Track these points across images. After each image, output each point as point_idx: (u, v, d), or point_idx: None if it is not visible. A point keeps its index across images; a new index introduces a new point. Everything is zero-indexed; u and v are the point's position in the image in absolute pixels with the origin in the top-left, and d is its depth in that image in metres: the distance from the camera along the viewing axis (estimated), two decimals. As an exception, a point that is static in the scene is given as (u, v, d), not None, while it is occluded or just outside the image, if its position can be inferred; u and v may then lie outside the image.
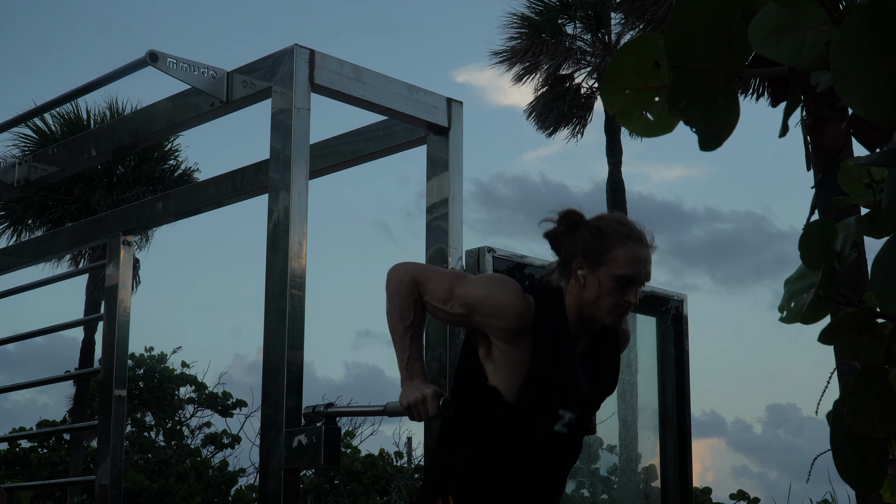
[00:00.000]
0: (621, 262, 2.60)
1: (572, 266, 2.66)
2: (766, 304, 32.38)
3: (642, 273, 2.62)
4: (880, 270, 1.10)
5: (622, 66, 1.19)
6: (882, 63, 1.00)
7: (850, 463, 1.27)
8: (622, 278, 2.60)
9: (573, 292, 2.66)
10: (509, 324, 2.59)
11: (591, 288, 2.62)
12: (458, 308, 2.64)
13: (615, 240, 2.62)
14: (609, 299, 2.61)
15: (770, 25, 1.08)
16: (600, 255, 2.61)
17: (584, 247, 2.64)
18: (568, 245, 2.68)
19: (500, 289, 2.62)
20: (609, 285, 2.60)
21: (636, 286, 2.63)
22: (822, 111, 1.25)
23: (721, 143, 1.15)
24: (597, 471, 4.61)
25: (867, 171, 1.39)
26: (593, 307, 2.63)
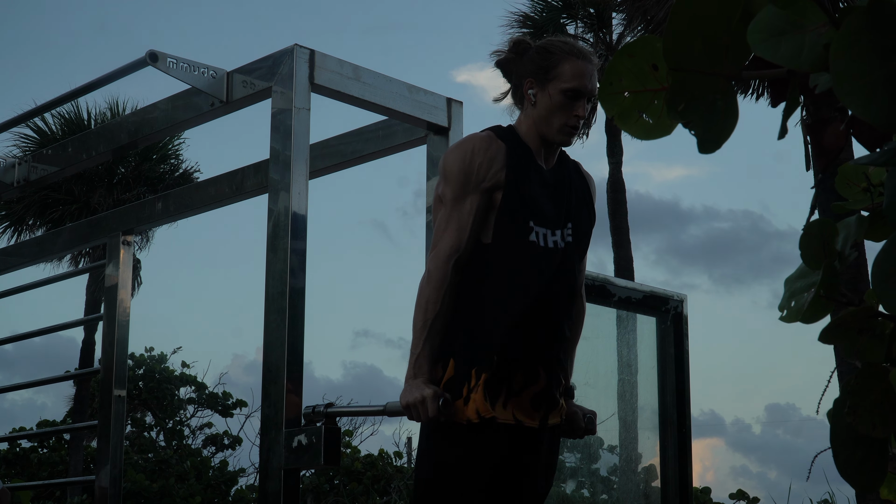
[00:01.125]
0: (567, 76, 2.72)
1: (523, 87, 2.78)
2: (765, 303, 32.37)
3: (588, 86, 2.74)
4: (880, 270, 1.11)
5: (620, 69, 1.19)
6: (881, 65, 1.00)
7: (851, 462, 1.27)
8: (570, 91, 2.71)
9: (527, 114, 2.79)
10: (497, 160, 2.70)
11: (542, 104, 2.74)
12: (472, 200, 2.69)
13: (560, 56, 2.75)
14: (559, 116, 2.73)
15: (769, 27, 1.08)
16: (547, 72, 2.74)
17: (533, 67, 2.76)
18: (518, 69, 2.81)
19: (468, 144, 2.73)
20: (558, 100, 2.72)
21: (583, 100, 2.74)
22: (821, 112, 1.25)
23: (720, 146, 1.15)
24: (597, 471, 4.61)
25: (865, 176, 1.39)
26: (544, 125, 2.75)
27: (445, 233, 2.70)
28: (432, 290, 2.66)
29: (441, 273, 2.67)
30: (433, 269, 2.68)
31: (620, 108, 1.21)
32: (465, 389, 2.64)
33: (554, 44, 2.79)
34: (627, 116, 1.21)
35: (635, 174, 38.24)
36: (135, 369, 19.61)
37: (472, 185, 2.69)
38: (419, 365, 2.66)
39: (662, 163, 38.19)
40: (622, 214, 16.63)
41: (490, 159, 2.71)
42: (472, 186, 2.69)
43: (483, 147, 2.72)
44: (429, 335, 2.66)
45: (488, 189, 2.70)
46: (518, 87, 2.81)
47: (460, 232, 2.69)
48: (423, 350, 2.66)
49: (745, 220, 34.13)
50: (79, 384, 17.85)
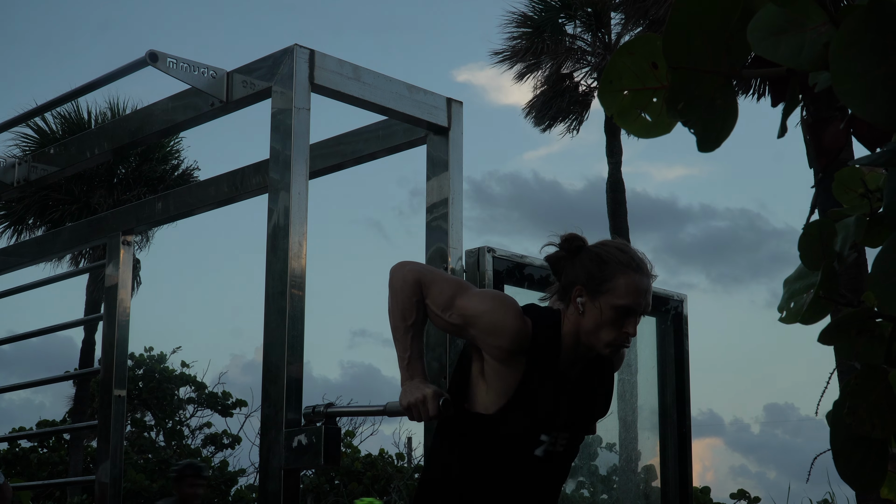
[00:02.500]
0: (622, 291, 2.56)
1: (572, 293, 2.62)
2: (763, 302, 32.34)
3: (642, 304, 2.58)
4: (880, 271, 1.10)
5: (620, 67, 1.19)
6: (881, 64, 1.00)
7: (850, 463, 1.27)
8: (622, 308, 2.56)
9: (572, 319, 2.62)
10: (504, 343, 2.58)
11: (591, 317, 2.58)
12: (456, 318, 2.63)
13: (616, 269, 2.58)
14: (608, 330, 2.58)
15: (769, 26, 1.08)
16: (601, 284, 2.57)
17: (585, 274, 2.60)
18: (569, 271, 2.64)
19: (500, 307, 2.60)
20: (609, 315, 2.56)
21: (635, 317, 2.59)
22: (821, 111, 1.25)
23: (719, 144, 1.15)
24: (597, 470, 4.61)
25: (862, 181, 1.38)
26: (591, 337, 2.60)
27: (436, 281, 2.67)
28: (408, 299, 2.66)
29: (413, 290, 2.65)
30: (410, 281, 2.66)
31: (620, 106, 1.20)
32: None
33: (611, 252, 2.61)
34: (627, 115, 1.21)
35: (636, 174, 38.23)
36: (134, 369, 19.61)
37: (466, 322, 2.62)
38: (412, 367, 2.66)
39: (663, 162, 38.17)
40: (622, 215, 16.64)
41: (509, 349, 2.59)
42: (466, 323, 2.62)
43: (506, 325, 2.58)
44: (413, 337, 2.67)
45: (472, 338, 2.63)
46: (567, 289, 2.64)
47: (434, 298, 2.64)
48: (412, 352, 2.67)
49: (743, 218, 34.12)
50: (79, 384, 17.85)
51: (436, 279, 2.68)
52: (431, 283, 2.66)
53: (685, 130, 1.18)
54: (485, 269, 3.22)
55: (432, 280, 2.67)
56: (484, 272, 3.22)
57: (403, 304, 2.66)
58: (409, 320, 2.66)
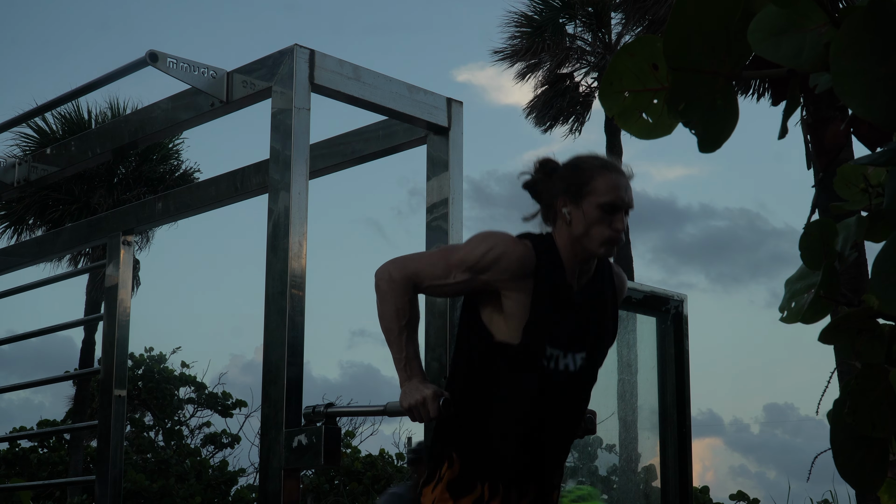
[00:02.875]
0: (602, 190, 2.67)
1: (556, 207, 2.72)
2: (763, 302, 32.33)
3: (624, 198, 2.68)
4: (880, 270, 1.10)
5: (621, 69, 1.19)
6: (881, 64, 1.00)
7: (851, 462, 1.27)
8: (606, 205, 2.66)
9: (562, 233, 2.72)
10: (515, 268, 2.64)
11: (578, 222, 2.68)
12: (461, 275, 2.67)
13: (592, 171, 2.69)
14: (598, 229, 2.67)
15: (769, 27, 1.08)
16: (581, 189, 2.68)
17: (564, 185, 2.71)
18: (548, 189, 2.75)
19: (497, 240, 2.67)
20: (595, 215, 2.66)
21: (621, 213, 2.69)
22: (821, 111, 1.25)
23: (720, 145, 1.15)
24: (596, 470, 4.61)
25: (863, 177, 1.39)
26: (584, 240, 2.69)
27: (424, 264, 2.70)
28: (399, 298, 2.68)
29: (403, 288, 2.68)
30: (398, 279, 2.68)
31: (621, 107, 1.21)
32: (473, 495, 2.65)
33: (583, 159, 2.73)
34: (628, 116, 1.21)
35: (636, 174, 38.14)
36: (134, 369, 19.61)
37: (476, 271, 2.65)
38: (410, 367, 2.67)
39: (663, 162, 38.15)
40: (622, 214, 16.61)
41: (513, 270, 2.64)
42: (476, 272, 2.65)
43: (512, 252, 2.65)
44: (408, 337, 2.68)
45: (489, 282, 2.66)
46: (550, 206, 2.75)
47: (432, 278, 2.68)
48: (408, 352, 2.67)
49: (742, 218, 34.08)
50: (79, 384, 17.85)
51: (420, 261, 2.71)
52: (418, 267, 2.69)
53: (686, 130, 1.18)
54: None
55: (418, 264, 2.70)
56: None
57: (395, 303, 2.67)
58: (402, 320, 2.67)
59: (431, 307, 3.22)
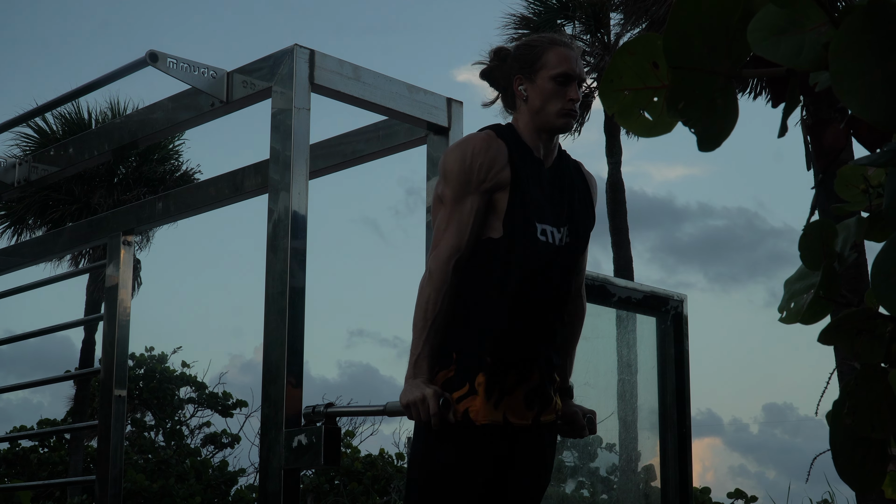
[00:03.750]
0: (553, 63, 2.77)
1: (513, 87, 2.82)
2: (761, 302, 32.27)
3: (576, 69, 2.78)
4: (880, 271, 1.10)
5: (621, 67, 1.19)
6: (880, 64, 1.00)
7: (850, 463, 1.27)
8: (559, 76, 2.76)
9: (521, 112, 2.81)
10: (498, 160, 2.71)
11: (535, 97, 2.78)
12: (473, 200, 2.69)
13: (542, 47, 2.80)
14: (554, 102, 2.76)
15: (769, 26, 1.08)
16: (533, 64, 2.79)
17: (518, 65, 2.81)
18: (503, 73, 2.84)
19: (468, 144, 2.73)
20: (549, 88, 2.76)
21: (574, 83, 2.78)
22: (821, 111, 1.25)
23: (720, 144, 1.15)
24: (597, 470, 4.61)
25: (864, 178, 1.39)
26: (542, 115, 2.78)
27: (446, 233, 2.70)
28: (433, 291, 2.67)
29: (442, 273, 2.67)
30: (434, 269, 2.68)
31: (621, 105, 1.21)
32: (462, 391, 2.65)
33: (532, 38, 2.85)
34: (628, 114, 1.21)
35: (636, 173, 38.21)
36: (135, 369, 19.61)
37: (472, 186, 2.69)
38: (419, 365, 2.66)
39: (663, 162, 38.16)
40: (622, 214, 16.63)
41: (491, 159, 2.71)
42: (473, 187, 2.69)
43: (483, 147, 2.72)
44: (429, 335, 2.66)
45: (489, 189, 2.70)
46: (507, 88, 2.85)
47: (461, 232, 2.69)
48: (423, 350, 2.66)
49: (741, 217, 34.04)
50: (79, 384, 17.85)
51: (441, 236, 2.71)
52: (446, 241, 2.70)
53: (685, 130, 1.18)
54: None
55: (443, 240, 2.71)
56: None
57: (427, 297, 2.67)
58: (430, 316, 2.66)
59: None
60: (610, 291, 3.99)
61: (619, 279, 4.12)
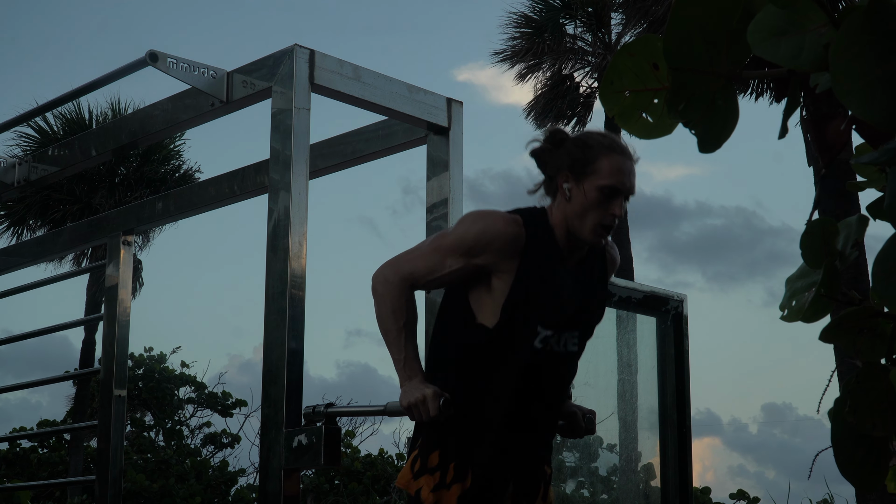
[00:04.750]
0: (605, 172, 2.63)
1: (558, 180, 2.69)
2: (760, 301, 32.21)
3: (626, 184, 2.64)
4: (881, 269, 1.11)
5: (621, 68, 1.19)
6: (880, 65, 1.01)
7: (851, 461, 1.27)
8: (607, 189, 2.62)
9: (559, 208, 2.69)
10: (508, 249, 2.63)
11: (577, 200, 2.65)
12: (455, 261, 2.65)
13: (599, 151, 2.65)
14: (594, 213, 2.64)
15: (769, 27, 1.08)
16: (585, 167, 2.64)
17: (569, 160, 2.66)
18: (554, 161, 2.71)
19: (490, 220, 2.65)
20: (594, 197, 2.63)
21: (620, 198, 2.65)
22: (821, 111, 1.25)
23: (720, 145, 1.15)
24: (597, 470, 4.61)
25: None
26: (578, 221, 2.66)
27: (418, 260, 2.67)
28: (395, 299, 2.66)
29: (399, 289, 2.66)
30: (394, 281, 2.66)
31: (621, 107, 1.21)
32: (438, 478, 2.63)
33: (592, 137, 2.69)
34: (628, 115, 1.21)
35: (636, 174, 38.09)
36: (134, 369, 19.60)
37: (468, 254, 2.64)
38: (409, 367, 2.66)
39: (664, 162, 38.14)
40: (622, 214, 16.61)
41: (502, 247, 2.63)
42: (468, 255, 2.64)
43: (501, 229, 2.63)
44: (407, 337, 2.66)
45: (481, 265, 2.64)
46: (553, 178, 2.71)
47: (427, 273, 2.66)
48: (407, 353, 2.66)
49: (739, 216, 33.99)
50: (79, 384, 17.85)
51: (414, 259, 2.69)
52: (413, 266, 2.67)
53: (686, 130, 1.18)
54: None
55: (412, 264, 2.68)
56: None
57: (392, 305, 2.66)
58: (400, 321, 2.66)
59: (431, 307, 3.22)
60: (610, 291, 3.99)
61: (619, 279, 4.12)
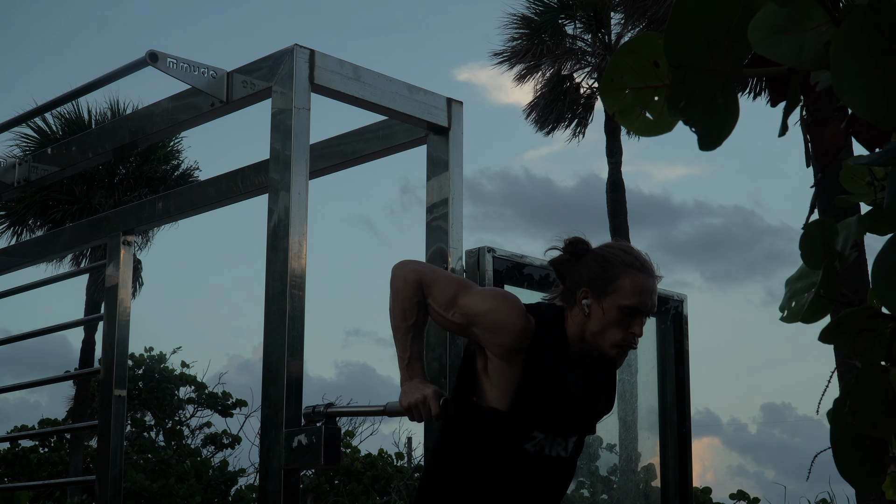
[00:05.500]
0: (627, 292, 2.56)
1: (577, 295, 2.62)
2: (759, 301, 32.19)
3: (648, 304, 2.58)
4: (881, 270, 1.10)
5: (621, 66, 1.19)
6: (881, 64, 1.00)
7: (850, 462, 1.27)
8: (628, 309, 2.56)
9: (576, 321, 2.62)
10: (506, 341, 2.58)
11: (596, 318, 2.58)
12: (458, 317, 2.63)
13: (621, 269, 2.58)
14: (614, 331, 2.57)
15: (770, 25, 1.08)
16: (606, 285, 2.58)
17: (590, 276, 2.60)
18: (573, 273, 2.64)
19: (503, 306, 2.60)
20: (614, 316, 2.56)
21: (641, 317, 2.59)
22: (821, 111, 1.25)
23: (720, 143, 1.15)
24: (597, 470, 4.61)
25: (869, 170, 1.39)
26: (598, 338, 2.60)
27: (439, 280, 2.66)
28: (409, 299, 2.66)
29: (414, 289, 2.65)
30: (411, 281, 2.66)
31: (621, 104, 1.21)
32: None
33: (615, 254, 2.62)
34: (628, 113, 1.21)
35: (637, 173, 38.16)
36: (135, 369, 19.61)
37: (470, 321, 2.61)
38: (412, 367, 2.66)
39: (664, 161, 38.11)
40: (622, 215, 16.63)
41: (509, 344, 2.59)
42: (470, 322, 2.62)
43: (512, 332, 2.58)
44: (414, 337, 2.66)
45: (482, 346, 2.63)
46: (571, 292, 2.65)
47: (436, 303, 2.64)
48: (412, 352, 2.66)
49: (737, 216, 33.98)
50: (79, 384, 17.85)
51: (437, 279, 2.67)
52: (433, 282, 2.66)
53: (687, 129, 1.18)
54: (485, 269, 3.22)
55: (434, 279, 2.67)
56: (484, 272, 3.22)
57: (404, 304, 2.66)
58: (409, 321, 2.66)
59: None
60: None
61: (619, 279, 4.12)
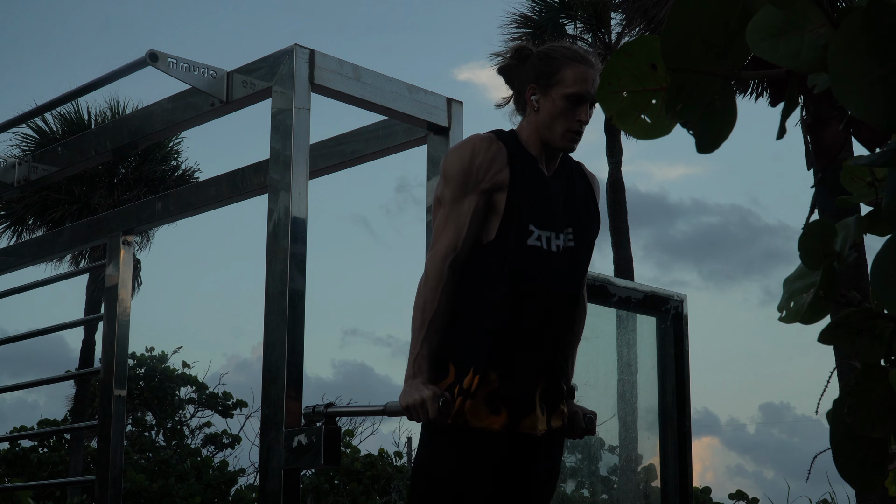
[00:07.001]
0: (570, 81, 2.73)
1: (526, 94, 2.79)
2: (757, 300, 32.17)
3: (591, 91, 2.74)
4: (880, 270, 1.11)
5: (619, 69, 1.19)
6: (879, 65, 1.00)
7: (850, 462, 1.27)
8: (572, 97, 2.72)
9: (530, 120, 2.78)
10: (497, 160, 2.70)
11: (545, 110, 2.75)
12: (472, 200, 2.68)
13: (562, 62, 2.75)
14: (562, 120, 2.73)
15: (768, 27, 1.08)
16: (550, 78, 2.74)
17: (535, 73, 2.77)
18: (520, 76, 2.81)
19: (469, 144, 2.73)
20: (561, 105, 2.73)
21: (586, 105, 2.75)
22: (820, 112, 1.25)
23: (718, 146, 1.15)
24: (597, 471, 4.61)
25: (869, 170, 1.39)
26: (547, 131, 2.75)
27: (443, 233, 2.70)
28: (429, 290, 2.67)
29: (438, 273, 2.67)
30: (430, 269, 2.68)
31: (619, 107, 1.20)
32: (461, 393, 2.64)
33: (555, 49, 2.79)
34: (626, 116, 1.21)
35: (637, 173, 38.15)
36: (136, 369, 19.62)
37: (471, 186, 2.69)
38: (418, 365, 2.66)
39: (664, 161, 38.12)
40: (622, 214, 16.63)
41: (490, 159, 2.71)
42: (472, 186, 2.69)
43: (484, 147, 2.72)
44: (427, 335, 2.66)
45: (488, 190, 2.70)
46: (520, 93, 2.81)
47: (458, 232, 2.69)
48: (421, 350, 2.65)
49: (734, 214, 33.97)
50: (79, 384, 17.86)
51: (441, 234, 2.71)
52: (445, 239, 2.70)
53: (684, 130, 1.18)
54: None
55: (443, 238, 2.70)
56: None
57: (425, 295, 2.67)
58: (427, 316, 2.65)
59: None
60: (610, 291, 3.99)
61: (619, 279, 4.12)
